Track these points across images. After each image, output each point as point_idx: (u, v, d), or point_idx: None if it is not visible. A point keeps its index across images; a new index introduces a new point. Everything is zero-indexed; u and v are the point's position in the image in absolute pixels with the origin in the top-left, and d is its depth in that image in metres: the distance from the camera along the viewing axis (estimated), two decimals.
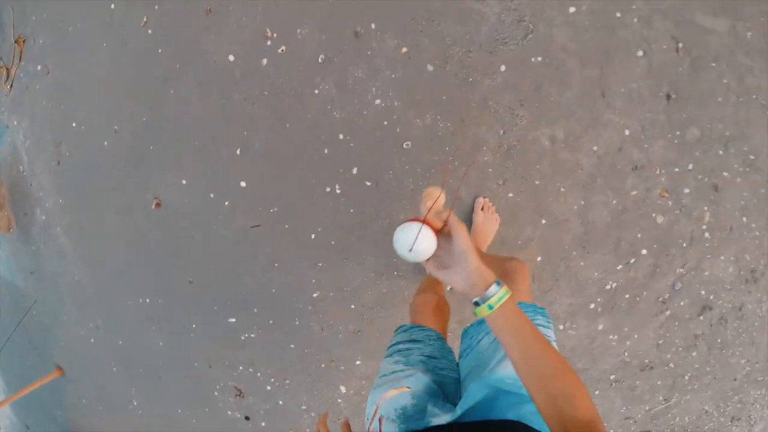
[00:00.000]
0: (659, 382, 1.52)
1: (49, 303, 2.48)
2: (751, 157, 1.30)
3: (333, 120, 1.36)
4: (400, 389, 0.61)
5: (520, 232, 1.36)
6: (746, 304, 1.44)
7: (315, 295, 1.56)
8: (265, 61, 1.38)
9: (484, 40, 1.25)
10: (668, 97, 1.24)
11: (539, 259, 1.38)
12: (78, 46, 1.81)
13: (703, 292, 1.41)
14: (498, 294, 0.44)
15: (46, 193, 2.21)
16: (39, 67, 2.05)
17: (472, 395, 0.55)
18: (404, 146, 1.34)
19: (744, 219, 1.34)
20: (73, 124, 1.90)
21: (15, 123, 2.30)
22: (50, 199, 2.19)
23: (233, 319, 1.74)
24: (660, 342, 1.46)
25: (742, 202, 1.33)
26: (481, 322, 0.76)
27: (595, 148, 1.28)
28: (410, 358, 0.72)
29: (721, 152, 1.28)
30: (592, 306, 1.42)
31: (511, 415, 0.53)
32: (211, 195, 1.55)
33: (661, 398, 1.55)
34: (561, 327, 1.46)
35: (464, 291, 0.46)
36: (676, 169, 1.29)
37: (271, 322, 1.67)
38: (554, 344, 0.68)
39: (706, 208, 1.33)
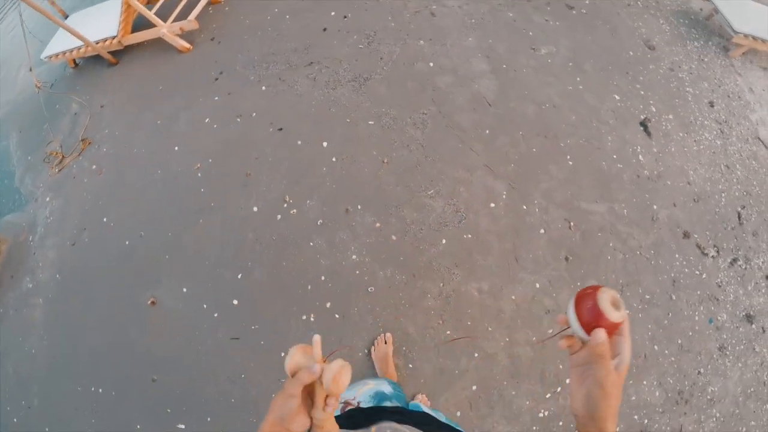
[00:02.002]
0: None
1: None
2: (647, 296, 1.67)
3: (319, 265, 1.82)
4: (379, 384, 0.78)
5: (456, 363, 1.64)
6: (685, 426, 1.54)
7: None
8: (279, 216, 1.91)
9: (432, 222, 1.84)
10: (567, 259, 1.77)
11: (474, 387, 1.61)
12: (136, 165, 2.35)
13: (636, 417, 1.54)
14: None
15: (45, 266, 2.42)
16: (94, 167, 2.54)
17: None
18: (368, 290, 1.78)
19: (655, 347, 1.63)
20: (104, 219, 2.29)
21: (47, 200, 2.66)
22: (47, 272, 2.40)
23: (182, 426, 1.83)
24: None
25: (649, 333, 1.63)
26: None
27: (513, 297, 1.72)
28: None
29: (618, 295, 1.71)
30: None
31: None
32: (204, 306, 1.86)
33: None
34: None
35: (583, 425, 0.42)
36: None
37: None
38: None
39: None
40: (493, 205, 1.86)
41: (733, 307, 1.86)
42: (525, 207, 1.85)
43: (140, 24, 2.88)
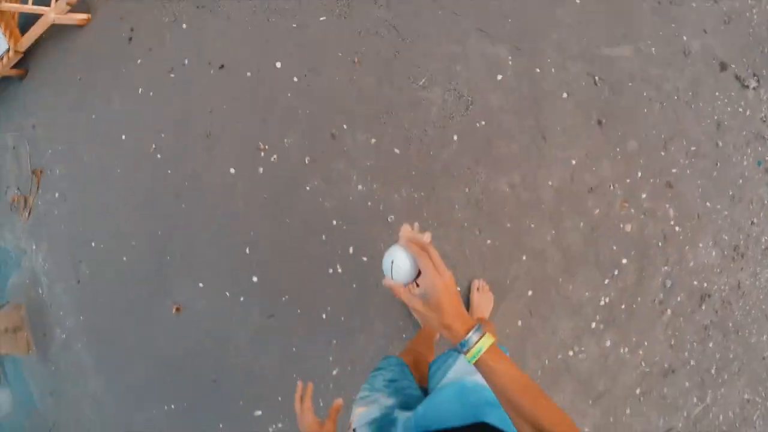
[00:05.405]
0: (687, 384, 1.45)
1: (68, 426, 2.44)
2: (693, 148, 1.42)
3: (325, 210, 1.53)
4: (366, 407, 0.69)
5: (506, 273, 1.44)
6: (743, 281, 1.43)
7: (334, 372, 1.60)
8: (261, 169, 1.58)
9: (435, 119, 1.47)
10: (600, 122, 1.42)
11: (530, 293, 1.44)
12: (93, 173, 2.04)
13: (695, 282, 1.42)
14: (478, 343, 0.43)
15: (66, 313, 2.30)
16: (57, 195, 2.26)
17: (435, 393, 0.62)
18: (389, 220, 1.49)
19: (707, 204, 1.42)
20: (92, 244, 2.06)
21: (33, 248, 2.46)
22: (70, 317, 2.28)
23: (259, 412, 1.75)
24: (672, 342, 1.43)
25: (699, 190, 1.41)
26: (448, 353, 0.80)
27: (550, 183, 1.42)
28: (374, 383, 0.77)
29: (663, 153, 1.41)
30: (594, 325, 1.43)
31: (475, 418, 0.56)
32: (227, 294, 1.66)
33: (695, 400, 1.46)
34: (570, 353, 1.45)
35: (440, 332, 0.45)
36: (628, 180, 1.41)
37: None
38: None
39: (667, 205, 1.41)
40: (500, 77, 1.43)
41: None
42: (538, 70, 1.43)
43: (26, 22, 2.36)
